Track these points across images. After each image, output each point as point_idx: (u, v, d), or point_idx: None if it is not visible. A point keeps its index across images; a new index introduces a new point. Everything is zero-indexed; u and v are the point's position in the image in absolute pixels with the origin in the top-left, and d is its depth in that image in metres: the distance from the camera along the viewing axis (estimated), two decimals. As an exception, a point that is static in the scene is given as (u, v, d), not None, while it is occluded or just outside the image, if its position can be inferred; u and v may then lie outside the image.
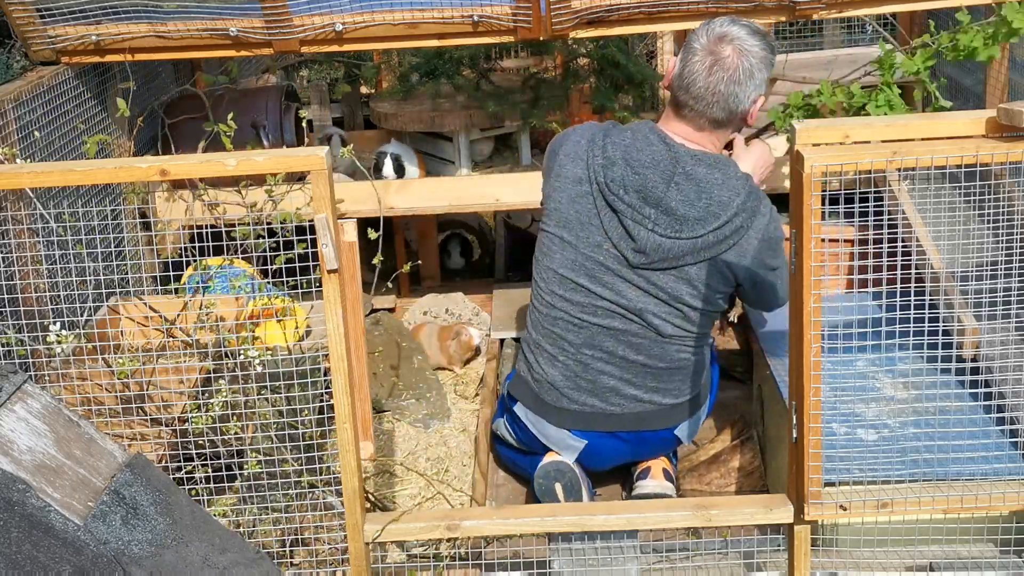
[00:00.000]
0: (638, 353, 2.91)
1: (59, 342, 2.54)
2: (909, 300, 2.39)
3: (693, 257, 2.80)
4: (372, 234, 2.90)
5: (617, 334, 2.89)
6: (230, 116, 3.13)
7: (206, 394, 2.63)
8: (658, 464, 3.04)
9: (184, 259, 3.20)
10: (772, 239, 2.85)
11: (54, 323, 2.57)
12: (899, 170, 2.93)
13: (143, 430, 2.65)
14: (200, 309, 2.78)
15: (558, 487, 2.95)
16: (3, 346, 2.54)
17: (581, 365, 2.94)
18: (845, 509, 2.40)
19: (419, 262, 4.47)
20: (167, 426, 2.67)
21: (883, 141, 2.26)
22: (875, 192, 3.23)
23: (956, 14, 3.21)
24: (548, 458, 3.01)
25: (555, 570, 2.53)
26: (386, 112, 4.21)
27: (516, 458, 3.20)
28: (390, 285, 3.37)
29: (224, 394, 2.55)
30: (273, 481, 2.55)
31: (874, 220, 2.64)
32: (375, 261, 3.03)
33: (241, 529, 2.53)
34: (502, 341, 3.97)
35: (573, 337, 2.93)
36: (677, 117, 2.87)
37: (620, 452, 3.04)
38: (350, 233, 3.04)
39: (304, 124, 4.02)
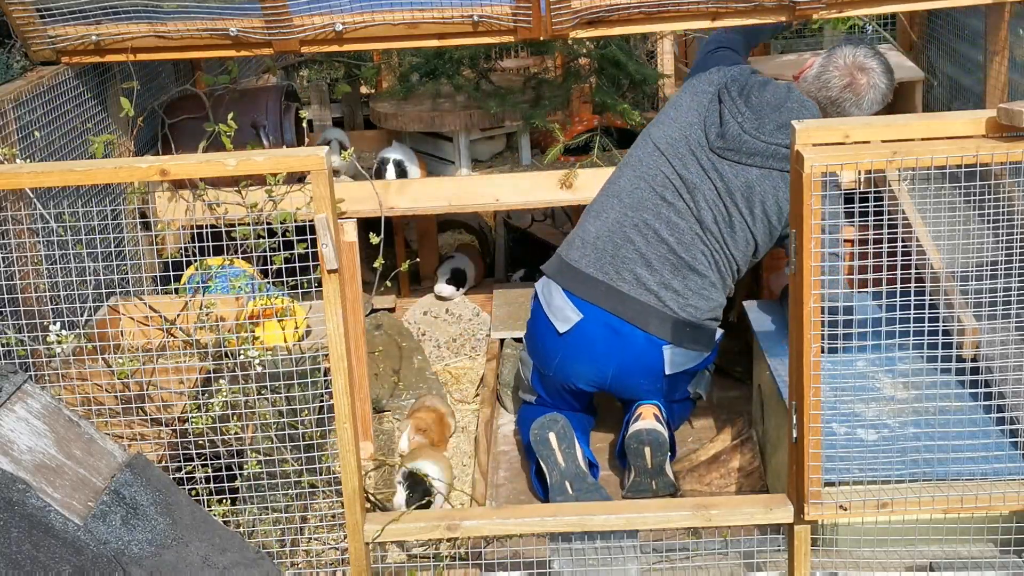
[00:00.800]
0: (671, 233, 3.21)
1: (59, 342, 2.54)
2: (909, 300, 2.39)
3: (760, 159, 3.20)
4: (374, 239, 2.90)
5: (662, 206, 3.23)
6: (230, 116, 3.12)
7: (206, 394, 2.63)
8: (648, 408, 3.18)
9: (184, 259, 3.20)
10: None
11: (54, 323, 2.57)
12: (899, 170, 2.93)
13: (143, 430, 2.65)
14: (200, 309, 2.77)
15: (552, 436, 3.11)
16: (3, 346, 2.54)
17: (618, 225, 3.25)
18: (845, 509, 2.40)
19: (418, 260, 4.48)
20: (167, 426, 2.67)
21: (883, 141, 2.26)
22: (875, 192, 3.24)
23: None
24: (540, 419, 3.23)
25: (555, 570, 2.53)
26: (386, 112, 4.21)
27: (526, 411, 3.43)
28: (389, 284, 3.37)
29: (224, 394, 2.55)
30: (273, 481, 2.55)
31: (874, 220, 2.64)
32: (376, 264, 3.02)
33: (241, 529, 2.53)
34: (502, 341, 3.96)
35: (626, 196, 3.28)
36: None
37: (607, 346, 3.20)
38: (350, 233, 3.04)
39: (304, 124, 4.01)
